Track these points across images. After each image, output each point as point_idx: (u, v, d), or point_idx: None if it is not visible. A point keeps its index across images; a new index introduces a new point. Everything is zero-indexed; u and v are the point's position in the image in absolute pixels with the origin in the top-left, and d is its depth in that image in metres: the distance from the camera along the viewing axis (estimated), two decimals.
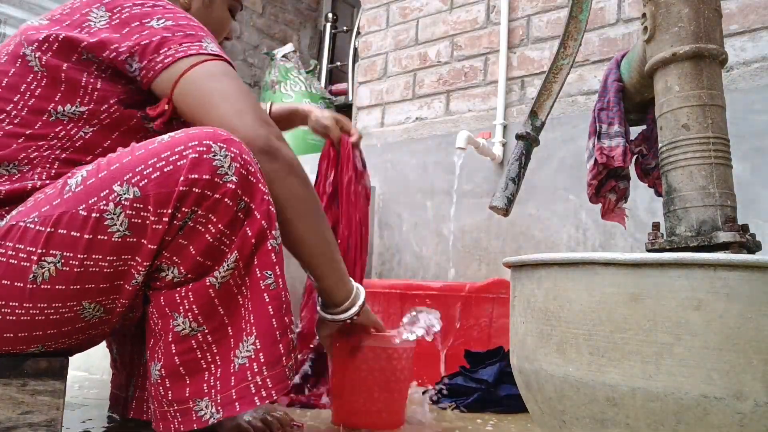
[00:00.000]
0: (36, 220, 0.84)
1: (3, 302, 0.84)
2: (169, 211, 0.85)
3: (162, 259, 0.88)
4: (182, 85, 0.95)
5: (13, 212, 0.87)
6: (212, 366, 0.90)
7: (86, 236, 0.84)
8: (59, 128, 0.94)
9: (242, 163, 0.89)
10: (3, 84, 0.94)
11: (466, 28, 2.22)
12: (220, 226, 0.87)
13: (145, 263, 0.87)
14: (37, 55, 0.94)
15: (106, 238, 0.85)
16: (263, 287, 0.90)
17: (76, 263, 0.85)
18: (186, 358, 0.89)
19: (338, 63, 3.68)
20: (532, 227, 1.92)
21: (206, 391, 0.89)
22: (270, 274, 0.90)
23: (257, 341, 0.89)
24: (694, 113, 0.83)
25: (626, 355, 0.68)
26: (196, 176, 0.85)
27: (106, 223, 0.84)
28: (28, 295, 0.85)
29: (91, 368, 1.65)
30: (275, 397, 0.88)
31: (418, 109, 2.31)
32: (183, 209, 0.86)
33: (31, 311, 0.86)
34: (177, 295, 0.89)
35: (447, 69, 2.25)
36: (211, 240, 0.87)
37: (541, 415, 0.81)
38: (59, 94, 0.94)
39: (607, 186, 1.05)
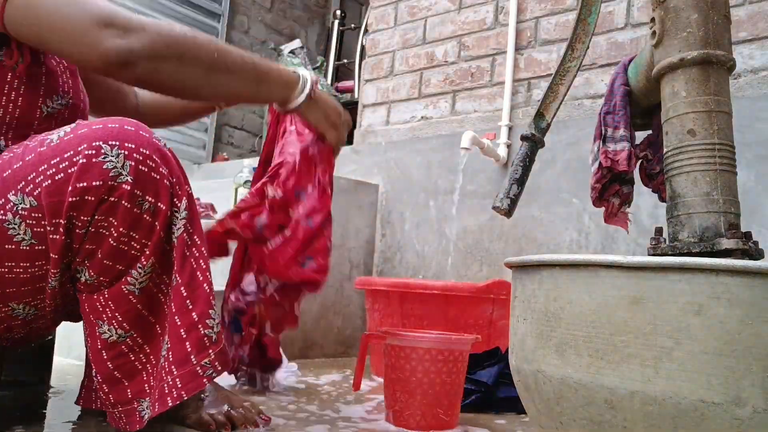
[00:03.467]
0: None
1: None
2: (63, 221, 0.82)
3: (75, 263, 0.87)
4: (9, 11, 0.87)
5: None
6: (148, 366, 0.89)
7: None
8: None
9: (140, 159, 0.83)
10: None
11: (474, 29, 2.22)
12: (121, 229, 0.84)
13: (54, 270, 0.85)
14: None
15: (13, 246, 0.83)
16: (173, 285, 0.88)
17: None
18: (118, 362, 0.88)
19: (345, 60, 3.68)
20: (534, 229, 1.92)
21: (147, 390, 0.88)
22: (173, 273, 0.88)
23: (168, 340, 0.87)
24: (700, 119, 0.83)
25: (625, 358, 0.68)
26: (85, 184, 0.81)
27: (9, 233, 0.82)
28: None
29: (80, 355, 1.65)
30: (185, 397, 0.86)
31: (424, 109, 2.31)
32: (82, 217, 0.83)
33: None
34: (98, 303, 0.88)
35: (454, 69, 2.25)
36: (114, 243, 0.85)
37: (538, 417, 0.81)
38: None
39: (610, 190, 1.04)
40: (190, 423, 0.98)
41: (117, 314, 0.87)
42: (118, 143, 0.83)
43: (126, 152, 0.83)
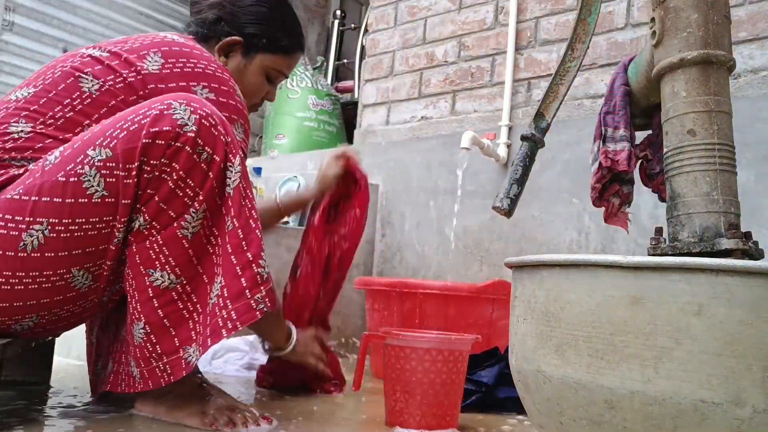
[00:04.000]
0: (21, 191, 0.90)
1: None
2: (136, 164, 0.91)
3: (135, 211, 0.94)
4: None
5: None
6: (194, 314, 0.96)
7: (68, 201, 0.90)
8: None
9: (203, 114, 0.94)
10: (51, 95, 1.01)
11: (474, 29, 2.22)
12: (181, 173, 0.93)
13: (123, 219, 0.93)
14: (93, 83, 1.01)
15: (86, 200, 0.91)
16: (225, 231, 0.96)
17: (62, 228, 0.90)
18: (168, 310, 0.95)
19: (345, 60, 3.68)
20: (534, 229, 1.92)
21: (194, 337, 0.95)
22: (228, 218, 0.96)
23: (222, 279, 0.95)
24: (700, 119, 0.83)
25: (625, 358, 0.68)
26: (157, 129, 0.92)
27: (84, 185, 0.90)
28: (20, 263, 0.89)
29: (81, 355, 1.64)
30: (239, 327, 0.94)
31: (424, 109, 2.31)
32: (151, 161, 0.92)
33: (24, 280, 0.90)
34: (151, 251, 0.94)
35: (454, 69, 2.25)
36: (172, 186, 0.93)
37: (538, 416, 0.81)
38: (97, 115, 1.01)
39: (610, 190, 1.04)
40: (194, 422, 0.99)
41: (170, 258, 0.95)
42: (185, 101, 0.95)
43: (192, 109, 0.94)
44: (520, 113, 2.05)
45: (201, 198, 0.94)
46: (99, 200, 0.91)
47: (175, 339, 0.95)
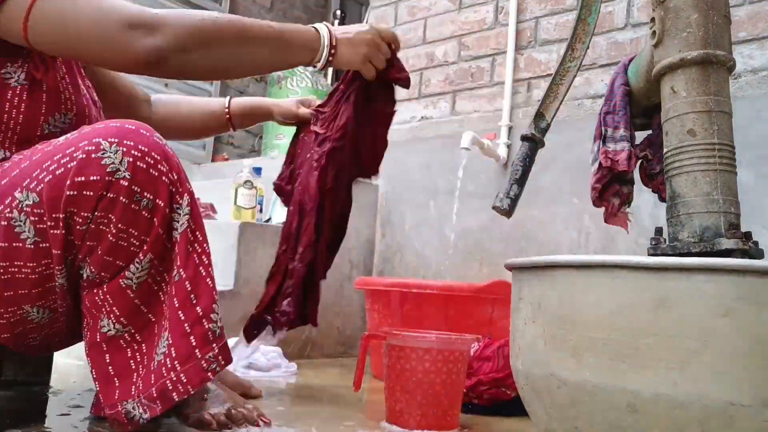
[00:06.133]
0: None
1: None
2: (61, 215, 0.83)
3: (78, 260, 0.88)
4: (32, 25, 0.88)
5: None
6: (140, 366, 0.89)
7: (2, 245, 0.85)
8: None
9: (138, 155, 0.84)
10: None
11: (474, 29, 2.22)
12: (120, 225, 0.85)
13: (58, 267, 0.87)
14: None
15: (20, 245, 0.85)
16: (175, 280, 0.88)
17: (1, 270, 0.85)
18: (115, 357, 0.89)
19: None
20: (534, 230, 1.92)
21: (133, 392, 0.88)
22: (175, 267, 0.88)
23: (169, 336, 0.87)
24: (700, 119, 0.83)
25: (649, 362, 0.67)
26: (83, 178, 0.83)
27: (16, 230, 0.84)
28: None
29: (80, 355, 1.65)
30: (192, 392, 0.87)
31: (424, 109, 2.31)
32: (82, 213, 0.84)
33: None
34: (97, 297, 0.89)
35: (454, 69, 2.25)
36: (113, 240, 0.85)
37: (548, 421, 0.80)
38: None
39: (610, 190, 1.04)
40: (192, 422, 0.99)
41: (114, 308, 0.88)
42: (117, 140, 0.84)
43: (124, 149, 0.84)
44: (520, 113, 2.05)
45: (146, 248, 0.86)
46: (32, 246, 0.85)
47: (117, 391, 0.88)
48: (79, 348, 1.65)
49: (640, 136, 1.05)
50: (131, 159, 0.84)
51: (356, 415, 1.21)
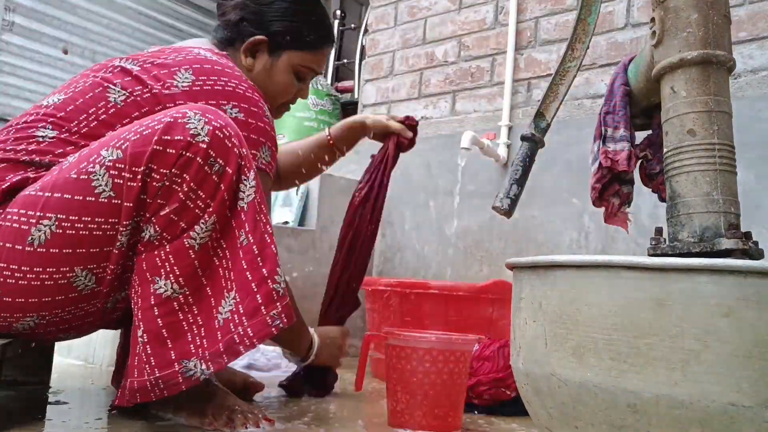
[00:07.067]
0: (38, 187, 0.92)
1: (4, 264, 0.90)
2: (142, 168, 0.91)
3: (143, 220, 0.93)
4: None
5: None
6: (194, 327, 0.94)
7: (77, 198, 0.91)
8: None
9: (217, 126, 0.94)
10: (78, 103, 1.03)
11: (474, 29, 2.22)
12: (192, 184, 0.93)
13: (125, 222, 0.92)
14: (120, 93, 1.03)
15: (93, 199, 0.91)
16: (238, 245, 0.95)
17: (68, 225, 0.91)
18: (168, 320, 0.93)
19: (345, 60, 3.68)
20: (534, 229, 1.92)
21: (193, 351, 0.93)
22: (242, 233, 0.95)
23: (236, 295, 0.94)
24: (700, 119, 0.83)
25: (650, 361, 0.67)
26: (169, 137, 0.92)
27: (93, 184, 0.91)
28: (27, 258, 0.91)
29: (80, 355, 1.65)
30: (256, 344, 0.93)
31: (424, 108, 2.31)
32: (160, 170, 0.92)
33: (27, 275, 0.91)
34: (157, 258, 0.94)
35: (454, 69, 2.25)
36: (183, 198, 0.93)
37: (549, 421, 0.80)
38: (119, 125, 1.01)
39: (610, 190, 1.04)
40: (193, 422, 0.99)
41: (176, 268, 0.94)
42: (200, 112, 0.95)
43: (206, 120, 0.94)
44: (520, 113, 2.05)
45: (211, 210, 0.94)
46: (105, 200, 0.92)
47: (171, 352, 0.92)
48: (80, 348, 1.65)
49: (640, 136, 1.04)
50: (211, 128, 0.94)
51: (357, 415, 1.21)
